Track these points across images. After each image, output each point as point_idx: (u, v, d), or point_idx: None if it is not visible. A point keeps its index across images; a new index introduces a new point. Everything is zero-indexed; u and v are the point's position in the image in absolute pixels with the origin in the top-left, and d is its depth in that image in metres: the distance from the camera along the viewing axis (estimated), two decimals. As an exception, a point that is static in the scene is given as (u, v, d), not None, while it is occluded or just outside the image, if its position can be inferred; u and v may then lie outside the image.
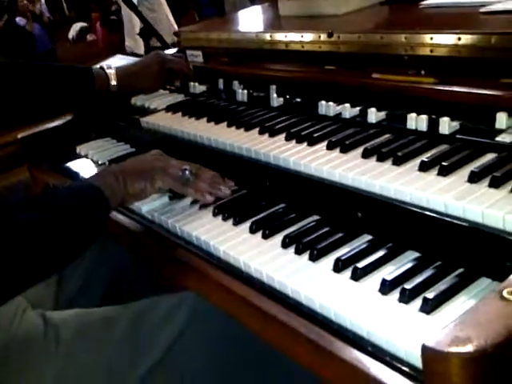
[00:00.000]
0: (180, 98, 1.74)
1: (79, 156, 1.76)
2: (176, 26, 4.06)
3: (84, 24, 9.13)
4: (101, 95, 1.66)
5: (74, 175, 1.64)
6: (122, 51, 4.28)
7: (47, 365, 1.08)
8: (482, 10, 1.26)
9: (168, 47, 2.36)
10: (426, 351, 0.62)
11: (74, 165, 1.71)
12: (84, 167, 1.66)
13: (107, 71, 1.67)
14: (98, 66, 1.71)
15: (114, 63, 1.79)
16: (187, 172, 1.19)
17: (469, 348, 0.60)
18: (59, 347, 1.10)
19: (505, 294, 0.66)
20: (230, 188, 1.23)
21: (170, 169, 1.19)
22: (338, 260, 0.93)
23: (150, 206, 1.27)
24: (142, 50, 3.59)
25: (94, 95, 1.65)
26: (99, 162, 1.64)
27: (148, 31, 2.87)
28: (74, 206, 1.04)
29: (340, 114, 1.29)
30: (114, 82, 1.66)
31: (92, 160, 1.69)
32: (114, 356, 1.10)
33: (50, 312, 1.18)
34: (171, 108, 1.63)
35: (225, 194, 1.21)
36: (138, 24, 3.85)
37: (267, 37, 1.59)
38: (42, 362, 1.09)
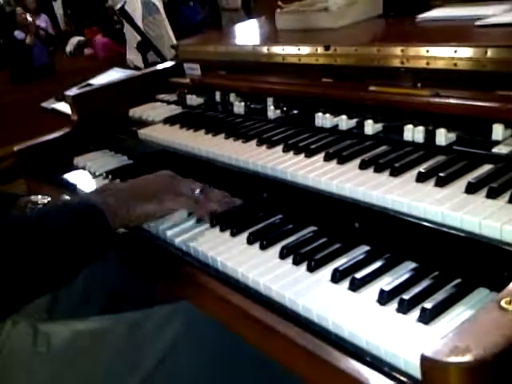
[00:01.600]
0: (177, 110, 1.75)
1: (76, 168, 1.75)
2: (175, 40, 4.10)
3: (81, 38, 9.18)
4: None
5: (71, 187, 1.63)
6: (120, 65, 4.29)
7: (37, 374, 1.07)
8: (478, 23, 1.27)
9: (165, 60, 2.37)
10: (424, 361, 0.62)
11: (72, 176, 1.70)
12: (81, 179, 1.66)
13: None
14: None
15: (112, 76, 1.80)
16: (197, 191, 1.18)
17: (468, 358, 0.59)
18: (50, 356, 1.09)
19: (503, 303, 0.66)
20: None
21: (179, 188, 1.17)
22: (335, 271, 0.92)
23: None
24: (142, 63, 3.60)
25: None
26: (96, 174, 1.64)
27: (145, 45, 2.89)
28: (73, 227, 1.02)
29: (337, 125, 1.29)
30: None
31: (89, 172, 1.69)
32: (107, 366, 1.08)
33: (43, 323, 1.17)
34: (169, 120, 1.64)
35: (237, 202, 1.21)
36: (137, 37, 3.88)
37: (264, 50, 1.60)
38: (31, 370, 1.07)
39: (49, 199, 1.28)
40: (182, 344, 1.11)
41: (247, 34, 2.09)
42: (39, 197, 1.29)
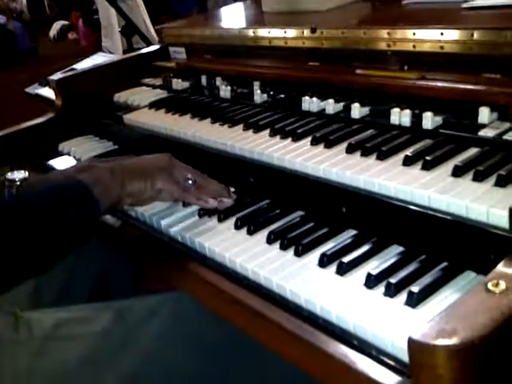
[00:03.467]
0: (163, 94, 1.73)
1: (61, 153, 1.74)
2: (152, 27, 4.02)
3: (65, 22, 9.04)
4: None
5: (57, 173, 1.62)
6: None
7: (18, 361, 1.06)
8: (464, 5, 1.27)
9: (150, 44, 2.35)
10: (412, 344, 0.62)
11: (57, 162, 1.69)
12: (67, 165, 1.64)
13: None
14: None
15: (96, 60, 1.77)
16: (190, 181, 1.15)
17: (455, 340, 0.60)
18: (31, 343, 1.08)
19: (490, 286, 0.67)
20: (232, 198, 1.17)
21: (174, 173, 1.15)
22: (323, 255, 0.92)
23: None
24: (120, 51, 3.55)
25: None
26: (81, 159, 1.63)
27: (130, 29, 2.85)
28: (57, 208, 0.98)
29: (324, 109, 1.29)
30: None
31: (74, 157, 1.67)
32: (91, 354, 1.07)
33: (25, 311, 1.15)
34: (154, 104, 1.62)
35: (227, 206, 1.15)
36: (116, 23, 3.81)
37: (250, 33, 1.59)
38: (11, 358, 1.06)
39: (25, 175, 1.24)
40: (169, 334, 1.10)
41: (233, 17, 2.07)
42: (15, 173, 1.25)
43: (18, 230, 0.93)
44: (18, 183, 1.22)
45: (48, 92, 2.64)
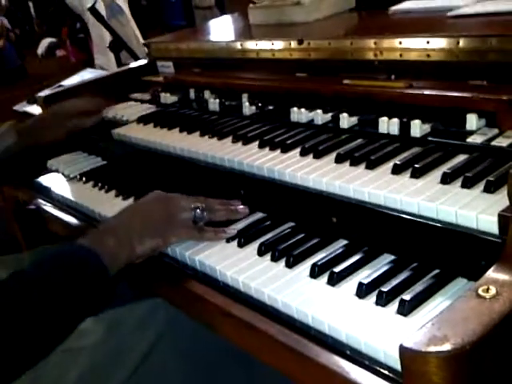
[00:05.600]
0: (151, 108, 1.73)
1: (50, 170, 1.73)
2: (142, 41, 4.04)
3: (53, 39, 9.05)
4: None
5: (45, 190, 1.61)
6: (92, 66, 4.25)
7: None
8: (450, 14, 1.27)
9: (138, 59, 2.35)
10: (404, 351, 0.62)
11: (45, 180, 1.68)
12: (55, 182, 1.64)
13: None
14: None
15: (85, 76, 1.77)
16: (198, 211, 1.09)
17: (446, 347, 0.59)
18: None
19: (480, 292, 0.67)
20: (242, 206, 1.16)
21: (181, 217, 1.07)
22: (314, 266, 0.92)
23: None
24: (114, 67, 3.55)
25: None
26: (70, 176, 1.62)
27: (118, 44, 2.86)
28: (67, 281, 0.91)
29: (312, 120, 1.29)
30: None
31: (63, 174, 1.66)
32: (88, 366, 1.07)
33: None
34: (143, 119, 1.62)
35: (244, 212, 1.14)
36: (108, 39, 3.83)
37: (238, 45, 1.59)
38: None
39: None
40: (162, 342, 1.10)
41: (220, 30, 2.08)
42: None
43: (28, 305, 0.87)
44: None
45: (36, 109, 2.63)
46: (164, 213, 1.07)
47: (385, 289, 0.81)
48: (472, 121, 1.03)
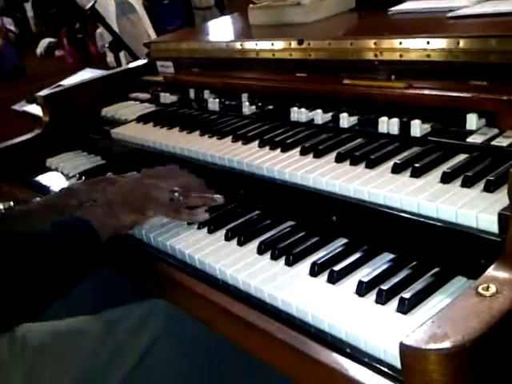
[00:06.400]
0: (151, 108, 1.73)
1: (49, 169, 1.73)
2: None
3: (52, 40, 9.06)
4: None
5: (44, 189, 1.61)
6: (92, 65, 4.24)
7: (12, 374, 1.05)
8: (450, 14, 1.28)
9: (137, 59, 2.35)
10: (404, 349, 0.62)
11: (44, 178, 1.68)
12: (54, 181, 1.64)
13: None
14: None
15: (84, 76, 1.77)
16: (176, 195, 1.16)
17: (446, 344, 0.59)
18: (25, 356, 1.07)
19: (480, 290, 0.67)
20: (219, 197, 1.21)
21: (159, 196, 1.16)
22: (314, 264, 0.92)
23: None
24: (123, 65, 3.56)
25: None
26: (69, 175, 1.62)
27: (117, 44, 2.86)
28: (63, 243, 1.03)
29: (312, 120, 1.29)
30: None
31: (62, 173, 1.66)
32: (85, 366, 1.07)
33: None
34: (142, 118, 1.62)
35: (219, 201, 1.19)
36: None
37: (238, 46, 1.59)
38: (6, 371, 1.06)
39: (10, 204, 1.28)
40: (161, 342, 1.10)
41: (220, 30, 2.08)
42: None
43: (28, 264, 0.99)
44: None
45: (35, 109, 2.63)
46: (144, 190, 1.17)
47: (385, 287, 0.81)
48: (472, 121, 1.03)
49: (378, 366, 0.71)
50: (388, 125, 1.13)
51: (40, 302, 1.01)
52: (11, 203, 1.30)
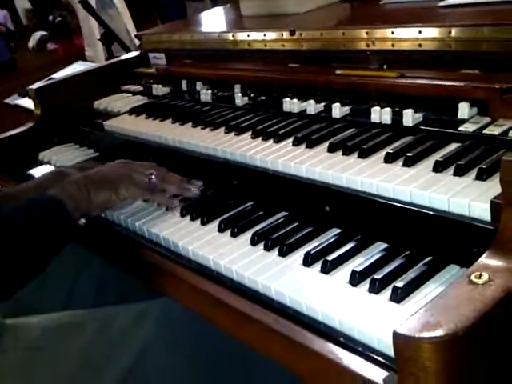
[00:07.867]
0: (143, 100, 1.73)
1: (42, 163, 1.72)
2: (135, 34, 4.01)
3: (44, 33, 8.99)
4: None
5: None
6: (83, 59, 4.21)
7: (4, 369, 1.04)
8: (441, 3, 1.28)
9: (129, 51, 2.34)
10: (397, 338, 0.62)
11: (37, 172, 1.67)
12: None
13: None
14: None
15: (76, 69, 1.76)
16: (153, 178, 1.18)
17: (439, 332, 0.60)
18: (17, 352, 1.06)
19: (473, 278, 0.67)
20: (199, 188, 1.22)
21: (135, 177, 1.18)
22: (307, 254, 0.92)
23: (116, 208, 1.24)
24: (102, 59, 3.54)
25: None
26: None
27: (109, 36, 2.84)
28: (35, 224, 1.03)
29: (305, 110, 1.29)
30: None
31: (55, 166, 1.65)
32: (79, 362, 1.06)
33: (10, 318, 1.14)
34: (135, 111, 1.62)
35: (194, 193, 1.21)
36: (97, 32, 3.80)
37: (230, 37, 1.59)
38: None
39: None
40: (157, 341, 1.09)
41: (212, 21, 2.07)
42: None
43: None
44: None
45: (27, 102, 2.62)
46: (120, 171, 1.19)
47: (378, 276, 0.82)
48: (464, 109, 1.03)
49: (372, 354, 0.72)
50: (380, 114, 1.13)
51: (10, 280, 1.00)
52: None
